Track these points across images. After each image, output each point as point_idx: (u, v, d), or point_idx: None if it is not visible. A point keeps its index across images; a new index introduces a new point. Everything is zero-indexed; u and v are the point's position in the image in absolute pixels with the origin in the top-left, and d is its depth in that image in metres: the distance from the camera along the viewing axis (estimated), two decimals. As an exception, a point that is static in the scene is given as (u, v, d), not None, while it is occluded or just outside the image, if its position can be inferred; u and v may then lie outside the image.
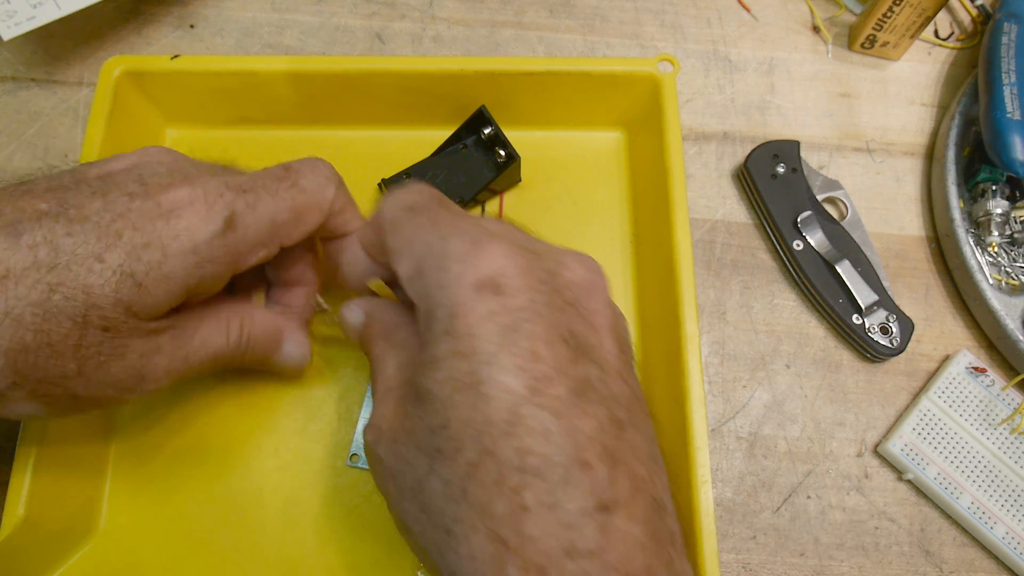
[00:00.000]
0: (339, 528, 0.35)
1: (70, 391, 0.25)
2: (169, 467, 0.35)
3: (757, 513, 0.37)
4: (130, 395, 0.27)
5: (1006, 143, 0.39)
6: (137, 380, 0.27)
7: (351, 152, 0.42)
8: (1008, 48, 0.41)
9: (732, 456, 0.38)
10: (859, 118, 0.46)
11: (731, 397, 0.39)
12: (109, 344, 0.25)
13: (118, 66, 0.38)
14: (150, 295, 0.25)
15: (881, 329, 0.39)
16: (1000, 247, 0.41)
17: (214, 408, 0.36)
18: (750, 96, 0.46)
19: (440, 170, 0.41)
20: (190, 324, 0.28)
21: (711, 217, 0.43)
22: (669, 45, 0.47)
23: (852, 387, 0.40)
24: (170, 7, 0.46)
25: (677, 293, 0.35)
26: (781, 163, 0.42)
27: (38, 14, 0.38)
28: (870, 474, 0.38)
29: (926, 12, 0.44)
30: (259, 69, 0.39)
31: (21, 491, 0.30)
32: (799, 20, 0.49)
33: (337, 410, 0.37)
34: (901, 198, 0.44)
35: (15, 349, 0.24)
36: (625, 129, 0.43)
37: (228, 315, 0.30)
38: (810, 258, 0.40)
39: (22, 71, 0.44)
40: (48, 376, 0.25)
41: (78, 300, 0.24)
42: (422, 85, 0.40)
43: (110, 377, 0.26)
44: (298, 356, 0.33)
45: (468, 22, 0.47)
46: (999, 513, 0.37)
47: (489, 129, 0.39)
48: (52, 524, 0.32)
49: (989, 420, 0.38)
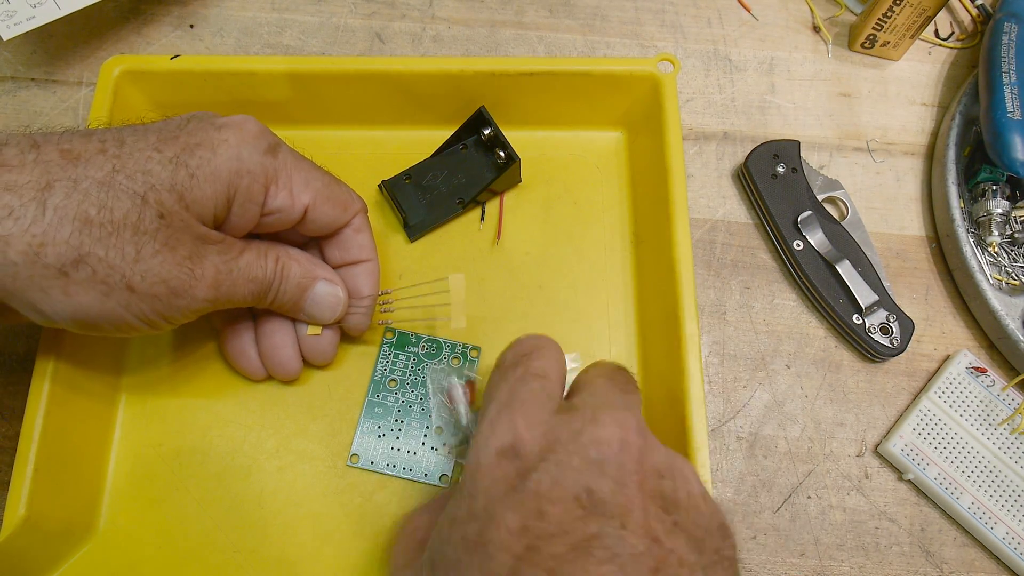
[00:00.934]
0: (339, 528, 0.35)
1: (128, 281, 0.27)
2: (169, 467, 0.35)
3: (757, 513, 0.37)
4: (179, 301, 0.29)
5: (1006, 143, 0.39)
6: (188, 282, 0.29)
7: (351, 152, 0.42)
8: (1008, 48, 0.41)
9: (732, 456, 0.38)
10: (859, 118, 0.46)
11: (731, 397, 0.39)
12: (164, 232, 0.27)
13: (118, 66, 0.38)
14: (200, 188, 0.28)
15: (881, 329, 0.39)
16: (1000, 247, 0.41)
17: (214, 408, 0.36)
18: (750, 96, 0.46)
19: (440, 171, 0.41)
20: (236, 246, 0.31)
21: (711, 217, 0.43)
22: (669, 45, 0.47)
23: (852, 387, 0.40)
24: (170, 7, 0.46)
25: (677, 293, 0.35)
26: (781, 163, 0.42)
27: (38, 14, 0.38)
28: (870, 474, 0.38)
29: (926, 12, 0.43)
30: (259, 69, 0.39)
31: (21, 491, 0.30)
32: (799, 20, 0.49)
33: (338, 410, 0.37)
34: (901, 198, 0.44)
35: (80, 219, 0.26)
36: (625, 129, 0.43)
37: (268, 248, 0.32)
38: (810, 258, 0.40)
39: (22, 71, 0.44)
40: (109, 257, 0.26)
41: (137, 181, 0.27)
42: (422, 85, 0.40)
43: (164, 271, 0.28)
44: (331, 299, 0.34)
45: (468, 22, 0.47)
46: (999, 513, 0.37)
47: (489, 130, 0.39)
48: (52, 524, 0.32)
49: (989, 420, 0.38)
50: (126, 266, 0.27)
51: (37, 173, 0.26)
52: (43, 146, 0.27)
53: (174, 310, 0.29)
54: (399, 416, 0.37)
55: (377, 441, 0.36)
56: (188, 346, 0.37)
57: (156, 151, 0.28)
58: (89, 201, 0.26)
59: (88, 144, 0.27)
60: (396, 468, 0.36)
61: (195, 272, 0.29)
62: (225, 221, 0.30)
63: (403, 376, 0.37)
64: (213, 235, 0.30)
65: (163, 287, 0.28)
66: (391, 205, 0.40)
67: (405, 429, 0.36)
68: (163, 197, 0.27)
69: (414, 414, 0.37)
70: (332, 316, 0.34)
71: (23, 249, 0.25)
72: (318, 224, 0.33)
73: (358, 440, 0.36)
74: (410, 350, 0.38)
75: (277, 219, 0.32)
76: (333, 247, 0.35)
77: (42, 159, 0.26)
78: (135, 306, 0.28)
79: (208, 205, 0.29)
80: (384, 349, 0.38)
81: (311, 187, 0.32)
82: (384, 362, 0.38)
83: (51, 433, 0.32)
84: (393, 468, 0.36)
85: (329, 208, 0.33)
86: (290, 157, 0.32)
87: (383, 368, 0.37)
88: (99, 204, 0.26)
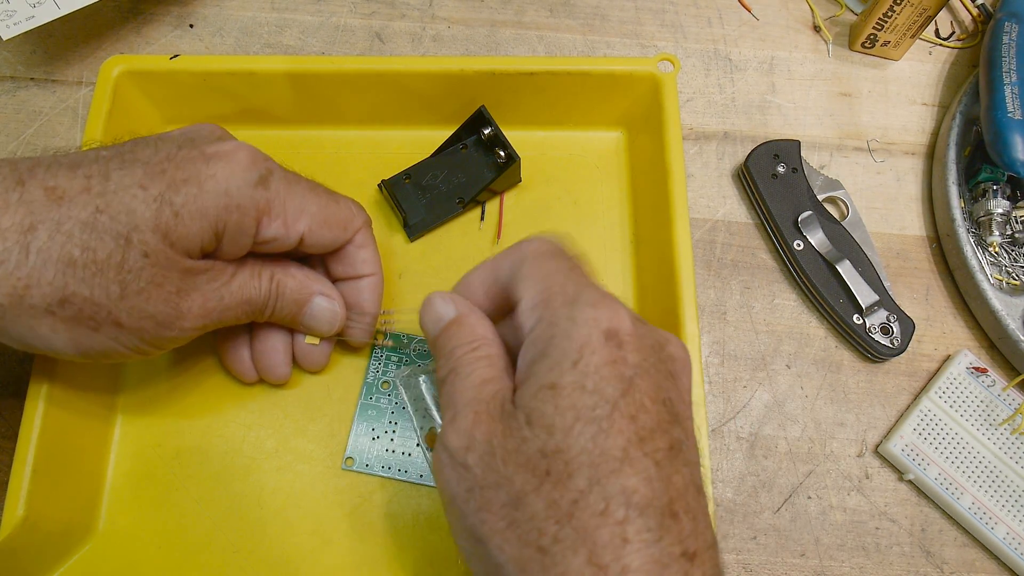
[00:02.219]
0: (338, 528, 0.35)
1: (114, 317, 0.27)
2: (169, 467, 0.35)
3: (758, 513, 0.37)
4: (167, 333, 0.29)
5: (1007, 143, 0.39)
6: (175, 316, 0.29)
7: (351, 152, 0.42)
8: (1009, 48, 0.41)
9: (732, 456, 0.38)
10: (860, 118, 0.46)
11: (731, 397, 0.39)
12: (149, 271, 0.28)
13: (117, 66, 0.38)
14: (185, 226, 0.28)
15: (882, 329, 0.39)
16: (1001, 247, 0.41)
17: (214, 408, 0.36)
18: (750, 96, 0.46)
19: (440, 170, 0.40)
20: (227, 271, 0.31)
21: (711, 217, 0.43)
22: (669, 45, 0.47)
23: (853, 387, 0.40)
24: (170, 7, 0.46)
25: (677, 293, 0.35)
26: (782, 163, 0.42)
27: (38, 14, 0.38)
28: (871, 474, 0.38)
29: (927, 11, 0.43)
30: (258, 69, 0.39)
31: (21, 491, 0.30)
32: (800, 20, 0.49)
33: (337, 411, 0.37)
34: (902, 198, 0.44)
35: (63, 261, 0.26)
36: (625, 129, 0.43)
37: (263, 266, 0.32)
38: (811, 258, 0.40)
39: (22, 71, 0.44)
40: (93, 296, 0.27)
41: (121, 221, 0.27)
42: (422, 85, 0.40)
43: (150, 307, 0.28)
44: (328, 314, 0.34)
45: (468, 22, 0.47)
46: (1000, 513, 0.37)
47: (489, 129, 0.39)
48: (52, 524, 0.32)
49: (990, 420, 0.38)
50: (112, 304, 0.27)
51: (20, 215, 0.26)
52: (28, 183, 0.27)
53: (164, 340, 0.29)
54: (392, 418, 0.37)
55: (371, 444, 0.36)
56: (189, 347, 0.37)
57: (141, 188, 0.28)
58: (72, 243, 0.26)
59: (73, 180, 0.27)
60: (391, 470, 0.36)
61: (182, 305, 0.29)
62: (216, 250, 0.30)
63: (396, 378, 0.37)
64: (201, 265, 0.30)
65: (150, 322, 0.28)
66: (391, 205, 0.40)
67: (399, 431, 0.36)
68: (147, 237, 0.27)
69: (407, 415, 0.37)
70: (330, 329, 0.34)
71: (8, 291, 0.26)
72: (317, 247, 0.33)
73: (352, 443, 0.36)
74: (402, 351, 0.38)
75: (272, 247, 0.32)
76: (336, 262, 0.35)
77: (25, 199, 0.26)
78: (124, 339, 0.28)
79: (195, 241, 0.29)
80: (376, 351, 0.38)
81: (307, 213, 0.32)
82: (377, 364, 0.37)
83: (50, 433, 0.32)
84: (388, 470, 0.36)
85: (327, 231, 0.33)
86: (283, 185, 0.31)
87: (375, 370, 0.37)
88: (82, 245, 0.26)
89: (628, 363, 0.25)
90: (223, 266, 0.31)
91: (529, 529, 0.23)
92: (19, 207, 0.26)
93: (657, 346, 0.26)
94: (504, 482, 0.24)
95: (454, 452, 0.25)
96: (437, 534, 0.35)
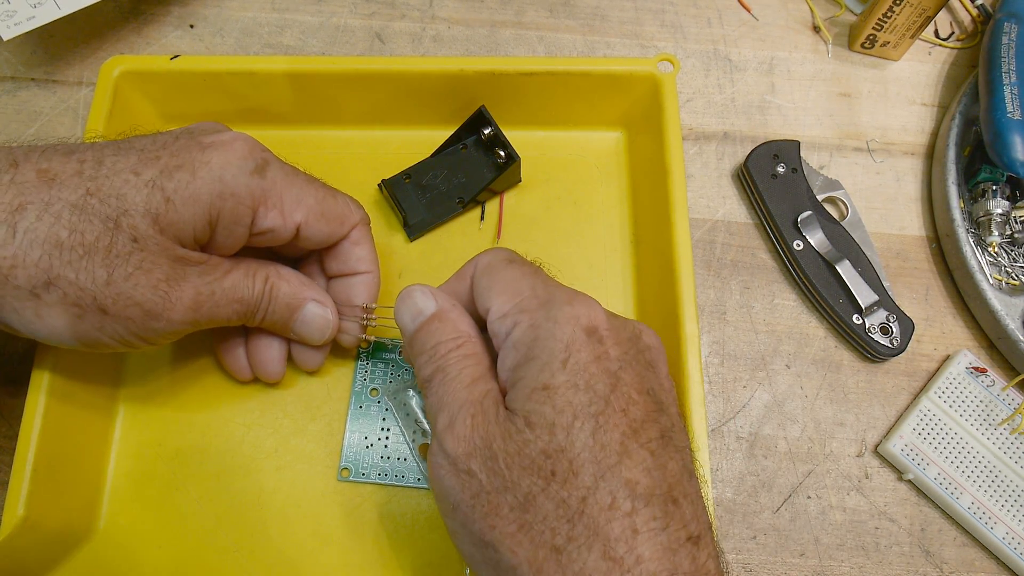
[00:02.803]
0: (338, 528, 0.35)
1: (99, 303, 0.27)
2: (169, 467, 0.35)
3: (757, 513, 0.37)
4: (155, 324, 0.28)
5: (1006, 143, 0.39)
6: (163, 306, 0.28)
7: (351, 152, 0.42)
8: (1008, 48, 0.41)
9: (732, 456, 0.38)
10: (859, 118, 0.46)
11: (731, 397, 0.39)
12: (137, 256, 0.27)
13: (118, 66, 0.38)
14: (176, 211, 0.28)
15: (881, 329, 0.39)
16: (1000, 247, 0.41)
17: (214, 408, 0.36)
18: (750, 96, 0.46)
19: (440, 170, 0.41)
20: (221, 267, 0.30)
21: (711, 217, 0.43)
22: (669, 45, 0.47)
23: (852, 387, 0.40)
24: (170, 7, 0.46)
25: (677, 293, 0.35)
26: (781, 163, 0.42)
27: (38, 14, 0.38)
28: (870, 474, 0.38)
29: (926, 12, 0.43)
30: (258, 69, 0.39)
31: (21, 491, 0.30)
32: (799, 20, 0.49)
33: (336, 411, 0.37)
34: (901, 198, 0.44)
35: (50, 243, 0.26)
36: (625, 129, 0.43)
37: (258, 267, 0.32)
38: (810, 258, 0.40)
39: (22, 71, 0.44)
40: (79, 280, 0.26)
41: (111, 205, 0.27)
42: (422, 85, 0.40)
43: (137, 294, 0.27)
44: (320, 321, 0.33)
45: (468, 22, 0.47)
46: (999, 513, 0.37)
47: (489, 129, 0.39)
48: (52, 524, 0.32)
49: (989, 420, 0.38)
50: (97, 289, 0.27)
51: (11, 195, 0.26)
52: (21, 164, 0.27)
53: (151, 332, 0.29)
54: (384, 424, 0.36)
55: (366, 452, 0.36)
56: (188, 347, 0.37)
57: (133, 173, 0.28)
58: (60, 224, 0.26)
59: (66, 164, 0.27)
60: (388, 477, 0.35)
61: (171, 295, 0.28)
62: (211, 241, 0.30)
63: (383, 384, 0.37)
64: (194, 256, 0.29)
65: (137, 310, 0.28)
66: (391, 205, 0.40)
67: (392, 436, 0.36)
68: (136, 221, 0.27)
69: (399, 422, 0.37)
70: (321, 338, 0.34)
71: None
72: (313, 240, 0.33)
73: (346, 454, 0.36)
74: (387, 356, 0.38)
75: (268, 238, 0.32)
76: (331, 259, 0.35)
77: (17, 180, 0.26)
78: (109, 328, 0.28)
79: (187, 228, 0.28)
80: (361, 359, 0.37)
81: (304, 205, 0.32)
82: (363, 372, 0.37)
83: (50, 433, 0.32)
84: (385, 477, 0.35)
85: (323, 225, 0.32)
86: (280, 175, 0.31)
87: (362, 378, 0.37)
88: (71, 227, 0.26)
89: (611, 357, 0.25)
90: (218, 261, 0.30)
91: (542, 530, 0.23)
92: (10, 187, 0.26)
93: (634, 337, 0.27)
94: (511, 486, 0.24)
95: (456, 459, 0.25)
96: (437, 533, 0.35)
